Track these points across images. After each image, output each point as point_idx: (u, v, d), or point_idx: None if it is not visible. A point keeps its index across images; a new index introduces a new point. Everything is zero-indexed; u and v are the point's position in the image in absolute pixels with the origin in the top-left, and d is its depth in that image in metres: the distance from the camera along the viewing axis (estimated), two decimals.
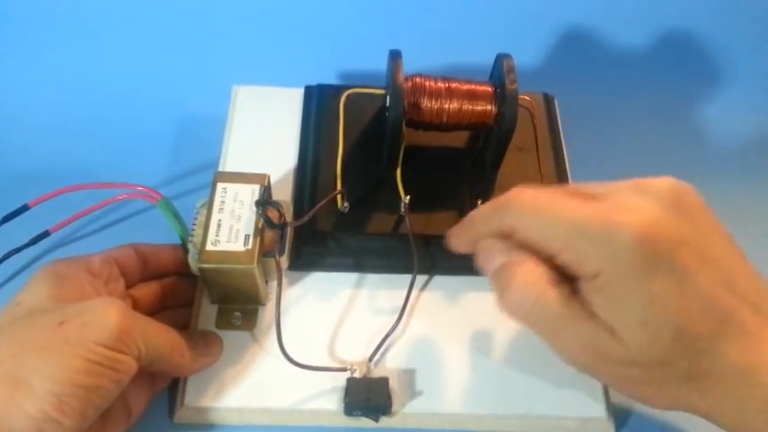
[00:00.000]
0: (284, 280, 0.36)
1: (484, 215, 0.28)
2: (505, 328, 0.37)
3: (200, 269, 0.32)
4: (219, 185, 0.35)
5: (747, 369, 0.24)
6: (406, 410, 0.34)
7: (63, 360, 0.26)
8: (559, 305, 0.25)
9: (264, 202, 0.34)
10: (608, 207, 0.24)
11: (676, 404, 0.26)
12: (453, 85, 0.37)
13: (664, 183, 0.25)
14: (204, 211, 0.34)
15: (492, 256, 0.27)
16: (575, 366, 0.27)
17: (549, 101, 0.45)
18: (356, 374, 0.34)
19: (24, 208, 0.39)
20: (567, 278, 0.25)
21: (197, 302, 0.37)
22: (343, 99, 0.43)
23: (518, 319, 0.26)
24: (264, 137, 0.43)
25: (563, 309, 0.25)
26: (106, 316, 0.27)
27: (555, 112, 0.45)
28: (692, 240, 0.24)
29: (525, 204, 0.26)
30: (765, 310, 0.25)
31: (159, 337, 0.30)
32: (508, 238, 0.27)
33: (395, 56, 0.36)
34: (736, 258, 0.26)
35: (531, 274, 0.25)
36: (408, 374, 0.35)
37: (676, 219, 0.24)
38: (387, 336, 0.35)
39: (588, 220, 0.24)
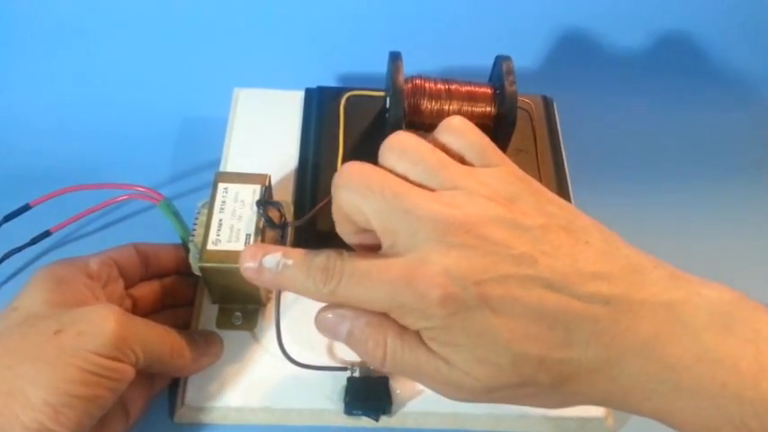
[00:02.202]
0: None
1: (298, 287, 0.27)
2: None
3: (202, 268, 0.33)
4: (221, 185, 0.35)
5: (615, 358, 0.24)
6: (406, 410, 0.34)
7: (59, 370, 0.26)
8: (413, 350, 0.25)
9: (265, 201, 0.34)
10: (407, 265, 0.24)
11: (568, 403, 0.27)
12: (453, 86, 0.38)
13: (447, 210, 0.24)
14: (205, 211, 0.34)
15: (337, 325, 0.27)
16: (452, 399, 0.27)
17: (548, 103, 0.46)
18: (356, 374, 0.34)
19: (25, 207, 0.39)
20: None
21: (198, 302, 0.37)
22: (343, 101, 0.43)
23: (387, 373, 0.28)
24: (265, 139, 0.44)
25: (416, 353, 0.25)
26: (102, 324, 0.27)
27: (554, 113, 0.45)
28: (501, 266, 0.24)
29: (337, 288, 0.26)
30: (617, 294, 0.24)
31: (158, 341, 0.30)
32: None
33: (395, 58, 0.37)
34: (560, 250, 0.24)
35: (377, 334, 0.26)
36: None
37: (466, 258, 0.23)
38: None
39: (393, 287, 0.24)
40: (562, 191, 0.41)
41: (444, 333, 0.24)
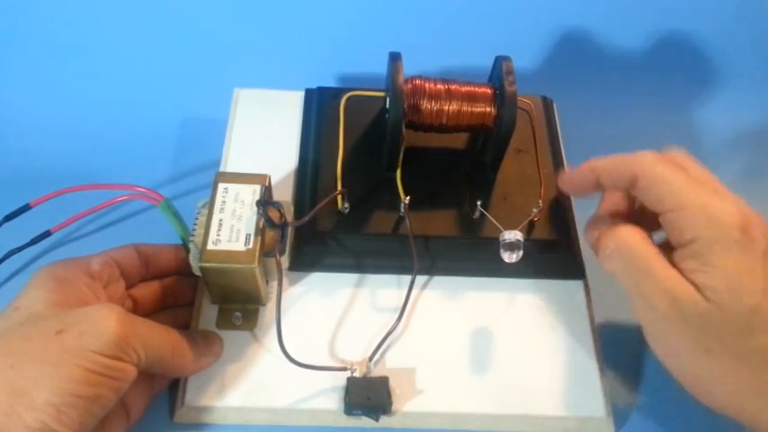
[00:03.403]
0: (285, 280, 0.36)
1: (613, 163, 0.32)
2: (505, 329, 0.37)
3: (202, 268, 0.33)
4: (221, 185, 0.35)
5: None
6: (406, 410, 0.34)
7: (61, 370, 0.26)
8: (654, 253, 0.29)
9: (265, 201, 0.34)
10: (718, 197, 0.28)
11: (741, 394, 0.27)
12: (453, 86, 0.38)
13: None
14: (205, 211, 0.34)
15: (601, 224, 0.32)
16: (648, 320, 0.29)
17: (547, 104, 0.46)
18: (356, 374, 0.34)
19: (26, 207, 0.39)
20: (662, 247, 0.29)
21: (198, 302, 0.37)
22: (343, 101, 0.43)
23: (614, 265, 0.30)
24: (265, 139, 0.44)
25: (657, 257, 0.28)
26: (104, 324, 0.27)
27: (553, 114, 0.46)
28: None
29: (652, 168, 0.29)
30: None
31: (159, 341, 0.30)
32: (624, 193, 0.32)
33: (395, 58, 0.37)
34: None
35: (634, 229, 0.30)
36: (408, 374, 0.35)
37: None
38: (387, 335, 0.35)
39: (708, 196, 0.28)
40: (561, 193, 0.41)
41: (718, 254, 0.27)
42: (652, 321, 0.29)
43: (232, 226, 0.33)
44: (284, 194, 0.40)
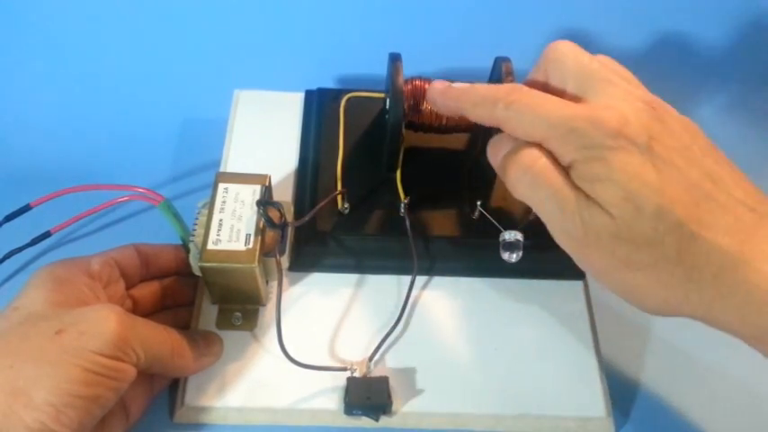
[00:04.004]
0: (285, 280, 0.36)
1: (474, 101, 0.30)
2: (505, 328, 0.37)
3: (202, 268, 0.33)
4: (221, 185, 0.35)
5: (746, 260, 0.25)
6: (406, 410, 0.34)
7: (61, 370, 0.26)
8: (558, 177, 0.27)
9: (265, 201, 0.34)
10: (591, 106, 0.27)
11: (671, 302, 0.27)
12: None
13: (645, 94, 0.28)
14: (205, 211, 0.34)
15: (501, 146, 0.30)
16: (568, 245, 0.28)
17: None
18: (356, 374, 0.34)
19: (26, 208, 0.39)
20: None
21: (197, 302, 0.37)
22: (343, 102, 0.43)
23: (521, 192, 0.29)
24: (265, 140, 0.44)
25: (560, 180, 0.27)
26: (104, 324, 0.27)
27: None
28: (667, 140, 0.26)
29: (516, 101, 0.28)
30: (762, 210, 0.26)
31: (159, 341, 0.30)
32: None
33: (395, 59, 0.37)
34: (724, 165, 0.27)
35: (535, 152, 0.28)
36: (408, 374, 0.35)
37: (654, 121, 0.26)
38: (387, 336, 0.35)
39: (572, 115, 0.26)
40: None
41: (600, 165, 0.26)
42: (571, 245, 0.28)
43: (232, 226, 0.33)
44: (284, 195, 0.41)
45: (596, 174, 0.26)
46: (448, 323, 0.37)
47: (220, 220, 0.33)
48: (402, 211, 0.38)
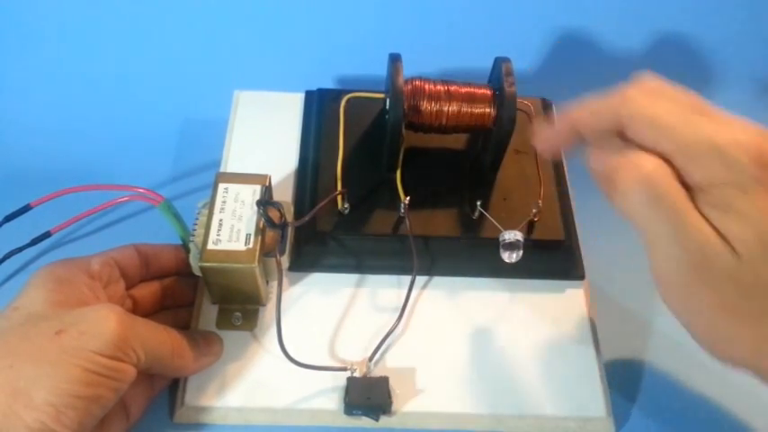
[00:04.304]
0: (285, 280, 0.36)
1: (593, 112, 0.27)
2: (505, 328, 0.37)
3: (202, 268, 0.33)
4: (221, 186, 0.35)
5: None
6: (406, 410, 0.34)
7: (61, 370, 0.26)
8: (684, 196, 0.24)
9: (265, 201, 0.34)
10: (723, 127, 0.24)
11: (758, 355, 0.25)
12: (452, 87, 0.38)
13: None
14: (206, 211, 0.34)
15: (610, 152, 0.26)
16: (668, 276, 0.25)
17: (546, 106, 0.46)
18: (356, 374, 0.34)
19: (26, 208, 0.39)
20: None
21: (198, 303, 0.37)
22: (343, 103, 0.43)
23: (634, 209, 0.25)
24: (265, 141, 0.44)
25: (688, 204, 0.24)
26: (104, 324, 0.27)
27: (553, 116, 0.46)
28: None
29: (649, 107, 0.25)
30: None
31: (159, 341, 0.30)
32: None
33: (395, 59, 0.37)
34: None
35: (659, 162, 0.24)
36: (408, 374, 0.35)
37: None
38: (387, 335, 0.35)
39: (714, 131, 0.24)
40: (561, 193, 0.41)
41: (740, 196, 0.23)
42: (674, 276, 0.25)
43: (232, 226, 0.33)
44: (284, 195, 0.41)
45: (732, 204, 0.23)
46: (448, 323, 0.37)
47: (220, 220, 0.33)
48: (402, 210, 0.38)
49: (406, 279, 0.37)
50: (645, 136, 0.25)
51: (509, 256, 0.35)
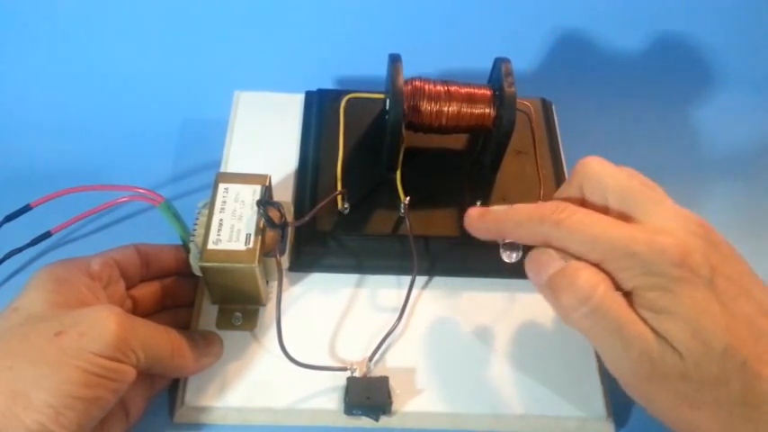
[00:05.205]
0: (285, 280, 0.36)
1: (517, 220, 0.29)
2: (505, 329, 0.37)
3: (202, 268, 0.33)
4: (221, 185, 0.35)
5: None
6: (406, 410, 0.34)
7: (60, 372, 0.26)
8: (622, 307, 0.25)
9: (265, 201, 0.34)
10: (647, 228, 0.25)
11: None
12: (452, 88, 0.38)
13: (691, 215, 0.27)
14: (206, 211, 0.34)
15: (548, 263, 0.27)
16: (628, 382, 0.27)
17: (546, 106, 0.46)
18: (356, 374, 0.34)
19: (26, 208, 0.39)
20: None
21: (198, 303, 0.37)
22: (343, 103, 0.43)
23: (576, 322, 0.26)
24: (265, 141, 0.44)
25: (625, 312, 0.25)
26: (104, 325, 0.27)
27: (552, 116, 0.46)
28: (726, 271, 0.25)
29: (566, 219, 0.26)
30: None
31: (159, 342, 0.30)
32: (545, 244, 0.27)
33: (395, 59, 0.37)
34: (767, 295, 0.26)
35: (595, 277, 0.25)
36: (408, 374, 0.35)
37: (712, 249, 0.25)
38: (387, 335, 0.35)
39: (631, 237, 0.25)
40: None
41: (667, 297, 0.24)
42: (629, 378, 0.27)
43: (232, 226, 0.33)
44: (284, 195, 0.41)
45: (663, 306, 0.24)
46: (448, 323, 0.37)
47: (220, 220, 0.33)
48: (402, 211, 0.38)
49: (406, 279, 0.37)
50: (570, 249, 0.26)
51: (509, 256, 0.35)
